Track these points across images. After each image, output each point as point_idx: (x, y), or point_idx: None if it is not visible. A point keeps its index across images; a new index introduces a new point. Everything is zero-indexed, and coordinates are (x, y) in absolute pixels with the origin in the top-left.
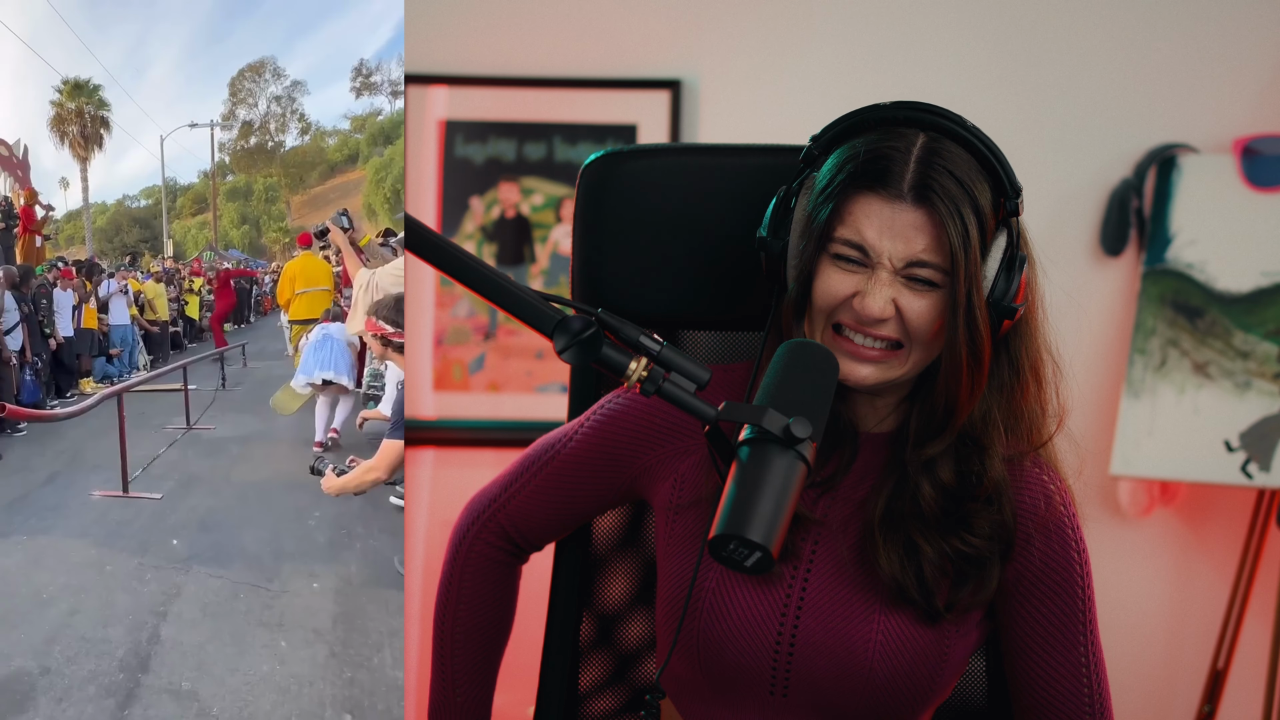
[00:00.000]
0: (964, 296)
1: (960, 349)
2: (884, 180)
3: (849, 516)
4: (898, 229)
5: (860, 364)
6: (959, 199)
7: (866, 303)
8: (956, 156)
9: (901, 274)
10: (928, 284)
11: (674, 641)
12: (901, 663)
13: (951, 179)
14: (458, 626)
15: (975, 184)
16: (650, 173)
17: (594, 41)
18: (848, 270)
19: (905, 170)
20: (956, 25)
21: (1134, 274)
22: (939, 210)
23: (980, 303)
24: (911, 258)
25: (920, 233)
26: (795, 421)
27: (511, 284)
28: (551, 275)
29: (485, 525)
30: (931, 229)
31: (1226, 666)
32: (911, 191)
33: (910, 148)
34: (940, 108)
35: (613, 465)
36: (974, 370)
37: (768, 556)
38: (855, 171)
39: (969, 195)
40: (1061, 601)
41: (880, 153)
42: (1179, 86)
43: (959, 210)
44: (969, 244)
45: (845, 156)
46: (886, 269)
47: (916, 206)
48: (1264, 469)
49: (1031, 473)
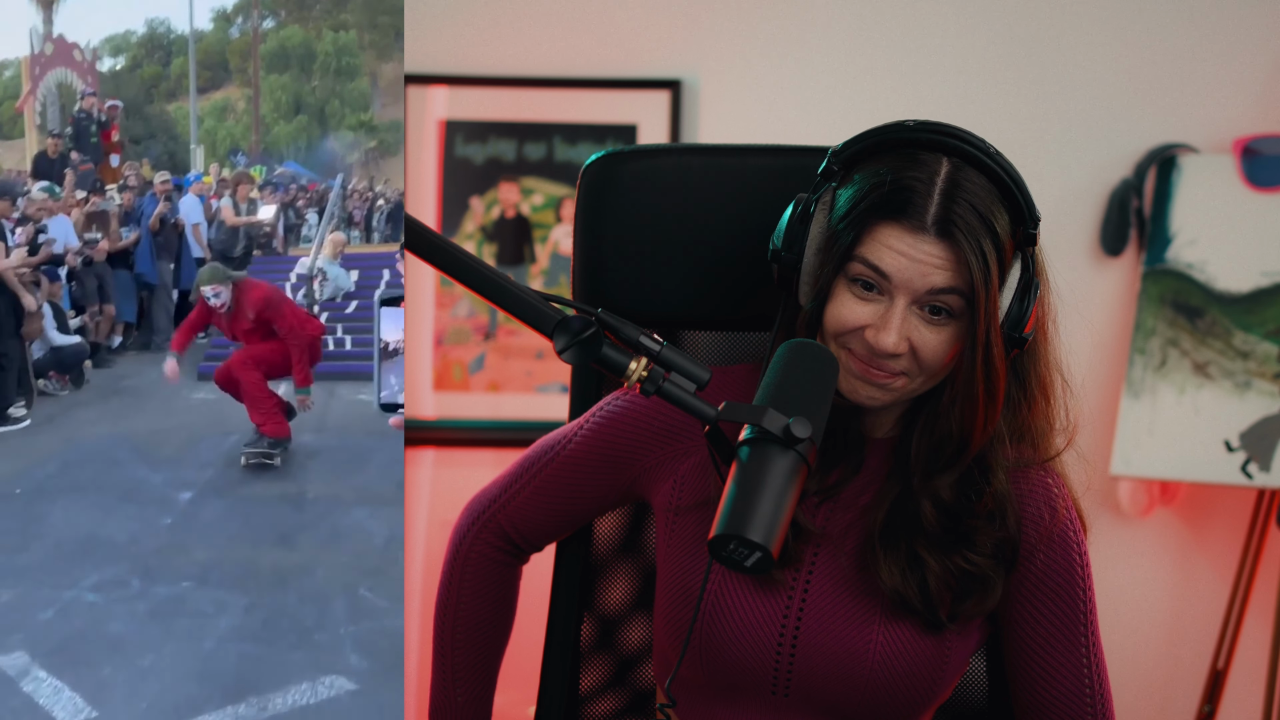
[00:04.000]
0: (983, 333)
1: (977, 385)
2: (907, 211)
3: (851, 523)
4: (918, 260)
5: (867, 384)
6: (980, 233)
7: (880, 337)
8: (979, 187)
9: (918, 303)
10: (945, 313)
11: (685, 647)
12: (902, 666)
13: (974, 213)
14: (458, 626)
15: (996, 215)
16: (651, 173)
17: (594, 41)
18: (863, 298)
19: (929, 203)
20: (957, 25)
21: (1134, 274)
22: (961, 245)
23: (997, 338)
24: (931, 288)
25: (941, 264)
26: (795, 421)
27: (511, 284)
28: (551, 275)
29: (485, 526)
30: (952, 261)
31: (1226, 666)
32: (935, 225)
33: (934, 177)
34: (965, 131)
35: (613, 466)
36: (989, 405)
37: (768, 556)
38: (879, 202)
39: (989, 229)
40: (1063, 602)
41: (904, 184)
42: (1179, 86)
43: (980, 244)
44: (989, 278)
45: (869, 185)
46: (904, 300)
47: (939, 239)
48: (1264, 469)
49: (1036, 477)
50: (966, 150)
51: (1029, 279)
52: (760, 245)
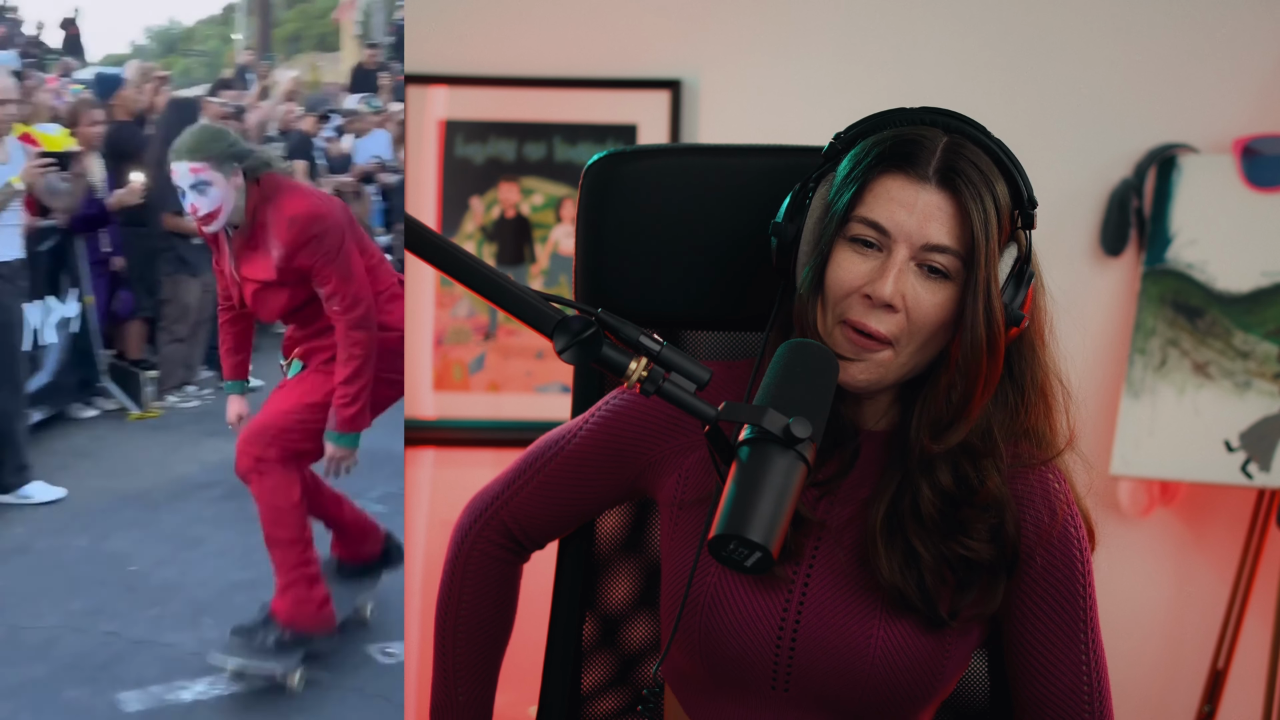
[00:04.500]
0: (983, 282)
1: (981, 335)
2: (911, 161)
3: (851, 517)
4: (919, 209)
5: (851, 364)
6: (982, 187)
7: (877, 286)
8: (980, 155)
9: (916, 259)
10: (941, 274)
11: (673, 632)
12: (902, 662)
13: (976, 170)
14: (459, 624)
15: (995, 180)
16: (652, 173)
17: (594, 41)
18: (863, 254)
19: (932, 155)
20: (957, 25)
21: (1134, 274)
22: (963, 195)
23: (997, 291)
24: (929, 241)
25: (941, 216)
26: (795, 421)
27: (511, 284)
28: (551, 275)
29: (488, 523)
30: (953, 215)
31: (1226, 666)
32: (937, 174)
33: (937, 138)
34: (965, 115)
35: (618, 460)
36: (991, 359)
37: (767, 556)
38: (883, 154)
39: (990, 188)
40: (1063, 599)
41: (909, 137)
42: (1179, 86)
43: (981, 197)
44: (989, 231)
45: (872, 142)
46: (903, 252)
47: (940, 189)
48: (1264, 469)
49: (1037, 476)
50: (966, 129)
51: (1023, 265)
52: (761, 245)
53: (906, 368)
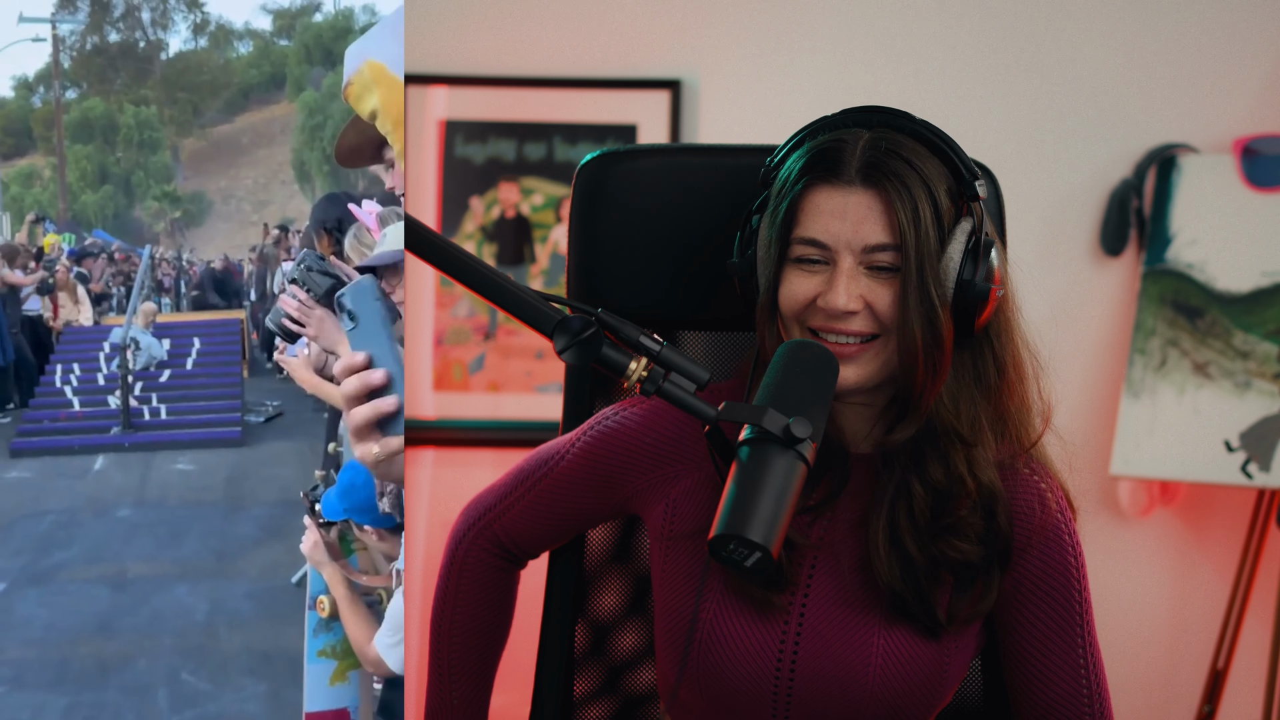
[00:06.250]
0: (914, 271)
1: (914, 328)
2: (833, 168)
3: (844, 538)
4: (850, 214)
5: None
6: (907, 176)
7: (830, 298)
8: (905, 144)
9: (862, 264)
10: (889, 270)
11: (678, 680)
12: (902, 678)
13: (899, 160)
14: (454, 627)
15: (925, 165)
16: (646, 173)
17: (594, 41)
18: (811, 271)
19: (853, 156)
20: (956, 25)
21: (1134, 274)
22: (887, 189)
23: (933, 277)
24: (867, 243)
25: (873, 216)
26: (795, 421)
27: (511, 284)
28: (551, 275)
29: (481, 534)
30: (884, 211)
31: (1226, 666)
32: (859, 174)
33: (858, 139)
34: (887, 107)
35: (605, 485)
36: (930, 350)
37: (767, 556)
38: (804, 167)
39: (918, 174)
40: (1059, 604)
41: (827, 145)
42: (1179, 86)
43: (907, 187)
44: (919, 220)
45: (795, 158)
46: (848, 261)
47: (867, 188)
48: (1264, 469)
49: (1024, 476)
50: (890, 120)
51: (978, 237)
52: None
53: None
